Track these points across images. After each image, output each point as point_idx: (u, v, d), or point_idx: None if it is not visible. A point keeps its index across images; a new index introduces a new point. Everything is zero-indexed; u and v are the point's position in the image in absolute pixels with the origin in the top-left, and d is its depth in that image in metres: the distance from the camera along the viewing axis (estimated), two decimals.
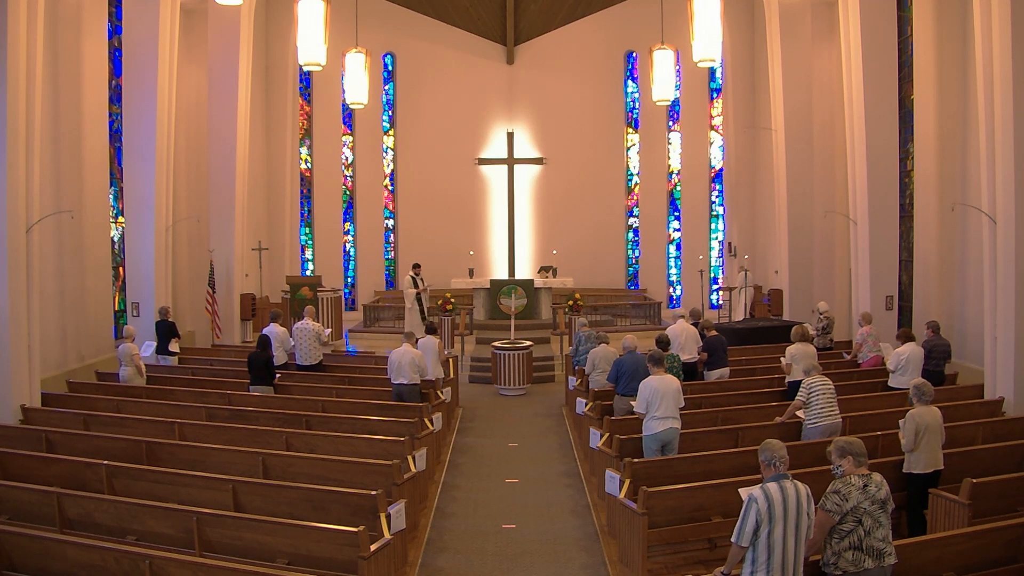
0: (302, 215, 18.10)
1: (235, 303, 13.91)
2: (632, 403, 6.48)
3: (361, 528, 4.32)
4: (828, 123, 13.75)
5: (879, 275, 10.98)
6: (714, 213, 18.54)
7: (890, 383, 7.99)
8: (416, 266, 13.89)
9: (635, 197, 19.81)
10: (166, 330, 10.16)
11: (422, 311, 13.19)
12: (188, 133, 13.60)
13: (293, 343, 9.47)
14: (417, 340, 8.69)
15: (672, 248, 19.39)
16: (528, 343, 11.41)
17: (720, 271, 18.42)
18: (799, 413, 6.47)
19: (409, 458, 6.03)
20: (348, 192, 19.08)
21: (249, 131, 14.32)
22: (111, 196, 11.77)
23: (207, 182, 13.71)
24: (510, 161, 19.07)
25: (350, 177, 19.14)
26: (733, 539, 3.63)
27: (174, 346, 10.20)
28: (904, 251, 11.46)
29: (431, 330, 9.30)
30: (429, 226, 19.37)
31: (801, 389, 6.40)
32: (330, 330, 10.79)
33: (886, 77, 10.87)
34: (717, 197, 18.43)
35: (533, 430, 9.24)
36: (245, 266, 14.50)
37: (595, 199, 19.50)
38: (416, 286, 13.63)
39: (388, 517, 4.82)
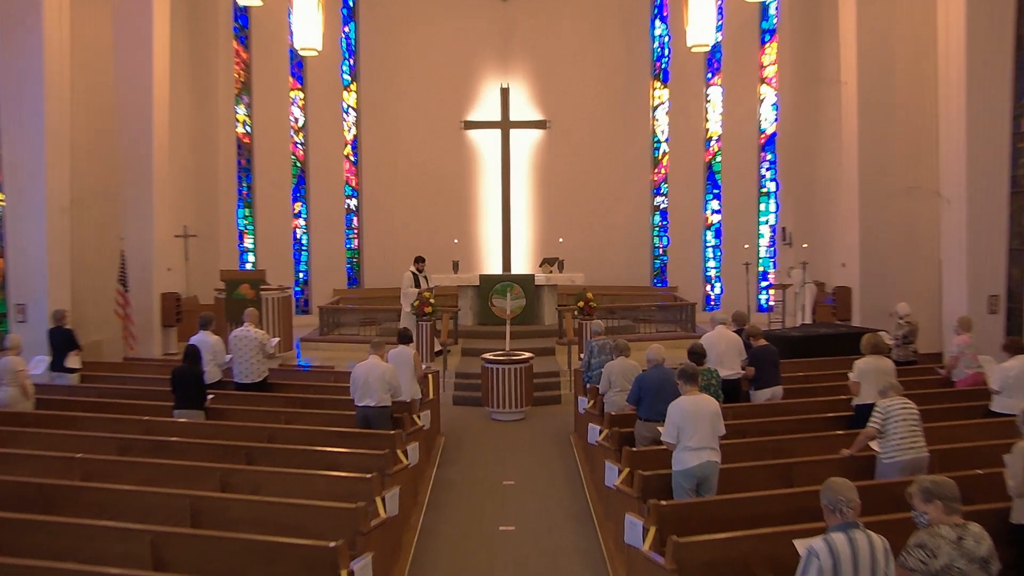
0: (240, 192, 18.10)
1: (154, 305, 13.89)
2: (659, 430, 6.50)
3: None
4: (915, 73, 13.63)
5: (980, 269, 10.93)
6: (764, 190, 18.61)
7: (993, 407, 8.02)
8: (419, 260, 13.92)
9: (663, 170, 19.88)
10: (63, 340, 10.13)
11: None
12: (88, 88, 13.46)
13: (230, 356, 9.47)
14: (388, 351, 8.70)
15: (710, 235, 19.47)
16: (527, 355, 11.44)
17: (771, 264, 18.49)
18: (872, 444, 6.50)
19: (378, 500, 6.04)
20: (299, 164, 19.08)
21: (169, 85, 14.29)
22: None
23: (116, 151, 13.66)
24: (505, 125, 19.13)
25: (301, 145, 19.14)
26: None
27: (73, 360, 10.15)
28: (1015, 238, 11.11)
29: (405, 338, 9.31)
30: (402, 207, 19.41)
31: (875, 414, 6.43)
32: (277, 339, 10.77)
33: (997, 10, 10.47)
34: (768, 170, 18.50)
35: (534, 463, 9.28)
36: (167, 258, 14.47)
37: (612, 173, 19.57)
38: (418, 285, 13.64)
39: (351, 574, 4.83)
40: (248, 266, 18.11)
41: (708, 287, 19.51)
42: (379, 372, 8.01)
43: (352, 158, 19.84)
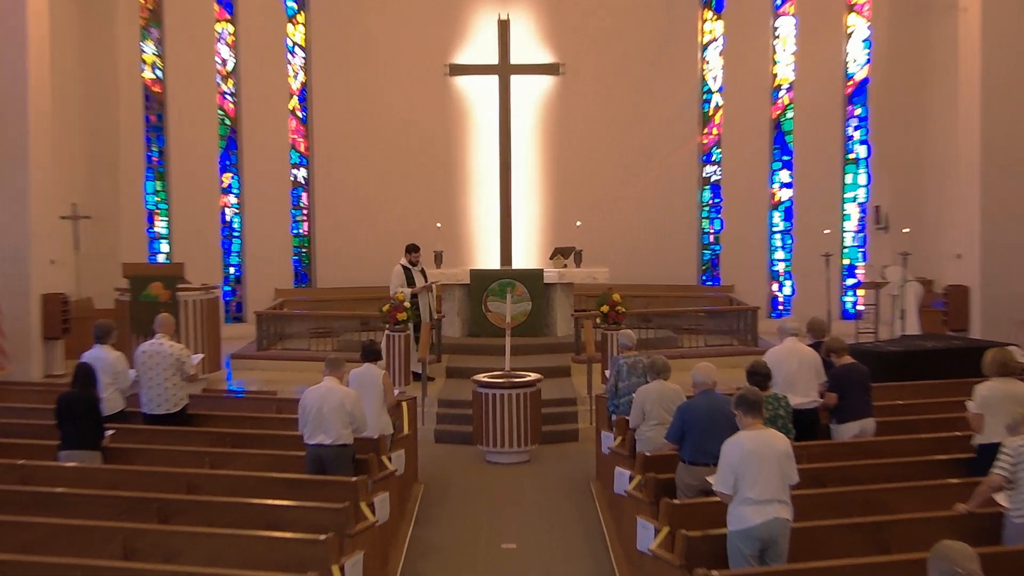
0: (149, 160, 18.11)
1: (33, 310, 13.91)
2: (709, 477, 6.52)
3: None
4: None
5: None
6: (852, 156, 18.61)
7: None
8: (412, 249, 13.87)
9: (715, 130, 19.88)
10: None
11: (420, 323, 13.32)
12: None
13: (136, 377, 9.48)
14: (349, 371, 8.73)
15: (778, 216, 19.47)
16: (533, 376, 11.46)
17: (860, 256, 18.48)
18: (998, 498, 6.51)
19: (335, 569, 6.06)
20: (228, 121, 19.09)
21: (49, 16, 14.25)
22: None
23: None
24: (504, 70, 19.12)
25: (231, 96, 19.16)
26: None
27: None
28: None
29: (371, 354, 9.33)
30: (367, 180, 19.39)
31: (1001, 457, 6.43)
32: (201, 356, 10.78)
33: None
34: (858, 129, 18.50)
35: (542, 520, 9.29)
36: (49, 247, 14.47)
37: (646, 135, 19.54)
38: (411, 282, 13.63)
39: None
40: (161, 258, 18.10)
41: (775, 286, 19.52)
42: (337, 400, 8.01)
43: (300, 114, 19.83)
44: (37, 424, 9.42)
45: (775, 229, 19.49)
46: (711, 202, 20.06)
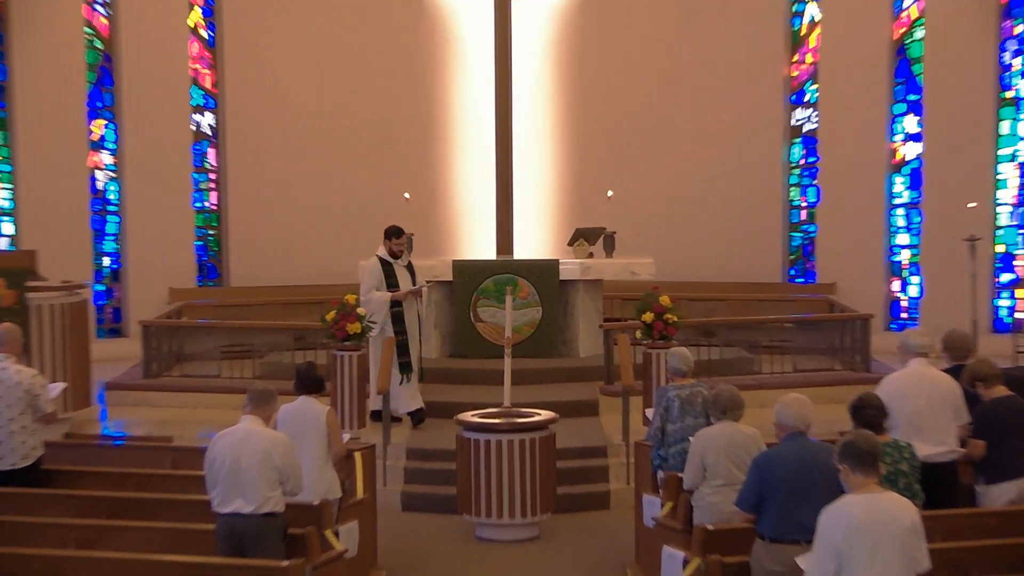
0: None
1: None
2: (800, 560, 6.56)
3: None
4: None
5: None
6: (1009, 95, 18.53)
7: None
8: (393, 233, 13.62)
9: (810, 57, 19.87)
10: None
11: (407, 343, 13.49)
12: None
13: None
14: (279, 408, 8.71)
15: (900, 183, 19.46)
16: (544, 415, 11.50)
17: (1021, 240, 18.45)
18: None
19: None
20: (102, 44, 19.09)
21: None
22: None
23: None
24: None
25: (103, 7, 19.14)
26: None
27: None
28: None
29: (310, 383, 9.38)
30: (304, 133, 19.40)
31: None
32: (62, 385, 10.81)
33: None
34: (1019, 55, 18.36)
35: None
36: None
37: (706, 66, 19.54)
38: (393, 283, 13.66)
39: None
40: (2, 243, 18.11)
41: (895, 284, 19.55)
42: (261, 449, 8.02)
43: (205, 34, 19.85)
44: None
45: (896, 201, 19.50)
46: (803, 162, 20.07)
